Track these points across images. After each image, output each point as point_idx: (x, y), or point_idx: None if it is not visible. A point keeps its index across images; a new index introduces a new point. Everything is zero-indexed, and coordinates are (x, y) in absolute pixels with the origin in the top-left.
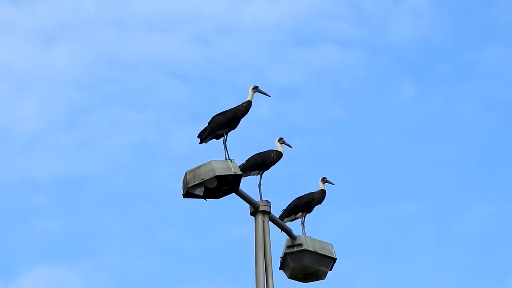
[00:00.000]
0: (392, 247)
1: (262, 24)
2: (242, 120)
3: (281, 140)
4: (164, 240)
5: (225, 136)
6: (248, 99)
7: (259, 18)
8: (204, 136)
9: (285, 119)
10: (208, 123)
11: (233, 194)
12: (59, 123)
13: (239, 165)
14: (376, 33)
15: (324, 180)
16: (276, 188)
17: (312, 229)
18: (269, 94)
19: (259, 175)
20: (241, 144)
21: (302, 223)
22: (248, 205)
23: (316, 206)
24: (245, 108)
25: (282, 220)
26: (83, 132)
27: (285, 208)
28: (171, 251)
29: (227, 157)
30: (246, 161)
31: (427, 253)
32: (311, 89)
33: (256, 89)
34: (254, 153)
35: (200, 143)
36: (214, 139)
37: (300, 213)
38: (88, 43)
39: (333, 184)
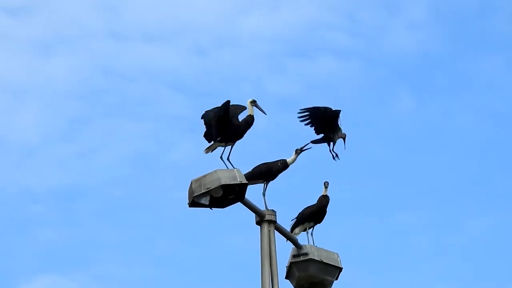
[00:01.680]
0: (390, 257)
1: (260, 36)
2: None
3: (298, 151)
4: (164, 250)
5: (225, 149)
6: (249, 113)
7: (257, 30)
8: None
9: (284, 130)
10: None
11: (239, 203)
12: (57, 133)
13: (244, 174)
14: (373, 44)
15: (325, 185)
16: (282, 197)
17: (315, 239)
18: (265, 112)
19: (263, 184)
20: (240, 156)
21: (311, 234)
22: (254, 214)
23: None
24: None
25: (292, 232)
26: (81, 142)
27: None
28: (171, 261)
29: (231, 165)
30: (252, 170)
31: (425, 263)
32: (310, 100)
33: (254, 103)
34: (259, 163)
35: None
36: (220, 147)
37: (307, 223)
38: (85, 54)
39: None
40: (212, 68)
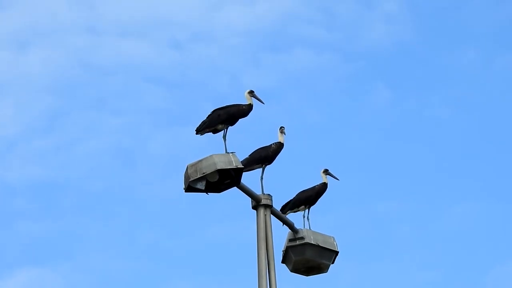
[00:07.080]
0: (372, 247)
1: (236, 30)
2: None
3: (281, 129)
4: (147, 241)
5: (225, 131)
6: (248, 102)
7: (232, 24)
8: (202, 128)
9: (261, 123)
10: (208, 116)
11: (235, 188)
12: (36, 127)
13: (242, 160)
14: (350, 38)
15: (326, 173)
16: (278, 182)
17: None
18: (263, 101)
19: (261, 169)
20: (219, 148)
21: (307, 217)
22: (250, 199)
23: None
24: (246, 109)
25: (285, 214)
26: (60, 136)
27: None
28: (157, 252)
29: (226, 151)
30: (250, 155)
31: (407, 252)
32: (287, 93)
33: (252, 93)
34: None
35: (197, 133)
36: (211, 133)
37: (303, 206)
38: (62, 48)
39: (337, 179)
40: (189, 62)
